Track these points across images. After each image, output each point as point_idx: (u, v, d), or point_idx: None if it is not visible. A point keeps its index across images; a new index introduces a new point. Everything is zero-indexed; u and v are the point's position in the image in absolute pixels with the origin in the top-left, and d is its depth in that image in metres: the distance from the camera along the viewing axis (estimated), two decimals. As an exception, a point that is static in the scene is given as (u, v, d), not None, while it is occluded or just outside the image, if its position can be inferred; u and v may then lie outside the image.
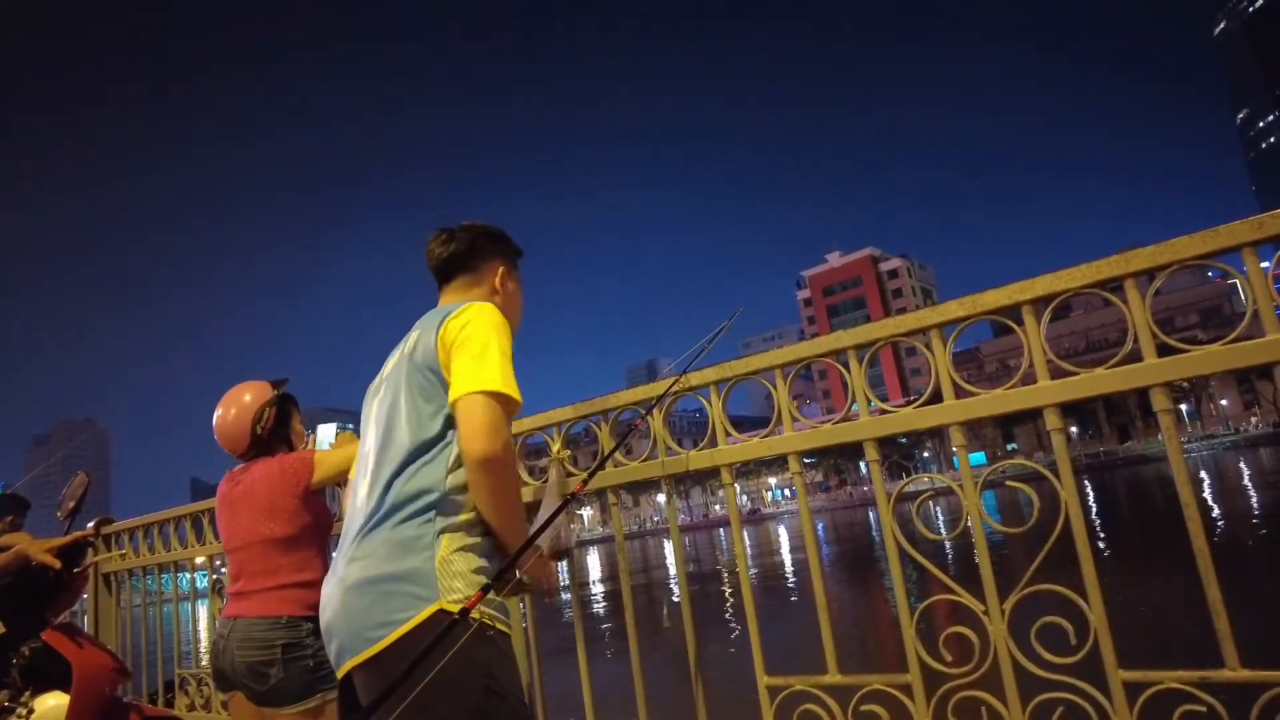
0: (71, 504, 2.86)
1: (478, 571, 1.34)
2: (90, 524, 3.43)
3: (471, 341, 1.41)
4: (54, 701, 2.45)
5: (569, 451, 1.90)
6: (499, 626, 1.33)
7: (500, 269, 1.66)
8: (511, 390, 1.38)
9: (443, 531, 1.34)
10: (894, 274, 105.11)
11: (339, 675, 1.37)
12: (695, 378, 1.71)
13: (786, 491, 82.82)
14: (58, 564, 2.56)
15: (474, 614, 1.26)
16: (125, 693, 2.81)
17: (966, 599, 1.40)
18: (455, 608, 1.26)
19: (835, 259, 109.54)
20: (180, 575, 3.17)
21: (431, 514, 1.36)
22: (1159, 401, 1.25)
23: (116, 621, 3.48)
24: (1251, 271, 1.18)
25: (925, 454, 74.05)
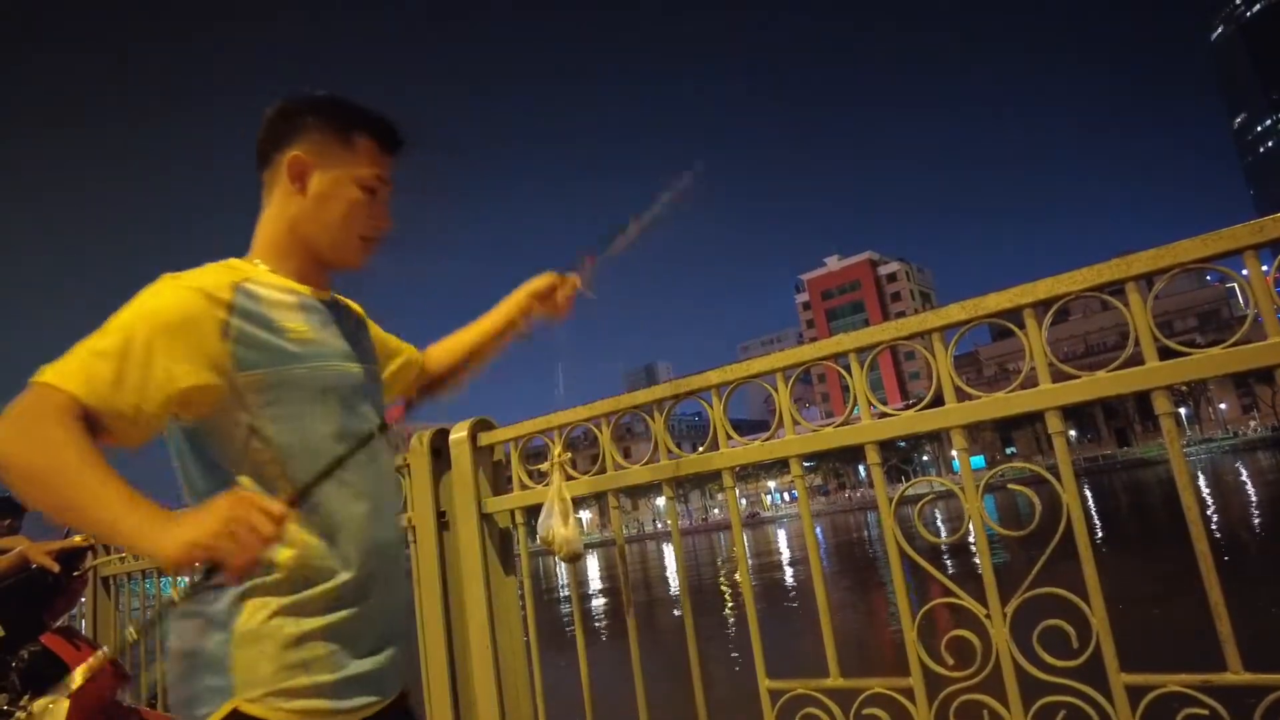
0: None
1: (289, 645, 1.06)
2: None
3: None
4: (54, 706, 2.44)
5: (569, 454, 1.90)
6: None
7: (290, 156, 1.18)
8: (67, 381, 0.97)
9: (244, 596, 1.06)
10: (892, 277, 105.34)
11: None
12: (696, 380, 1.71)
13: (785, 495, 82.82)
14: (57, 567, 2.56)
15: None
16: (124, 697, 2.80)
17: (968, 602, 1.40)
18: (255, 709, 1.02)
19: (834, 263, 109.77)
20: (179, 579, 3.16)
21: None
22: (1160, 405, 1.25)
23: (115, 625, 3.48)
24: (1252, 275, 1.18)
25: (924, 457, 74.05)
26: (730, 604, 15.06)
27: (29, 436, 0.94)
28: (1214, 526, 15.81)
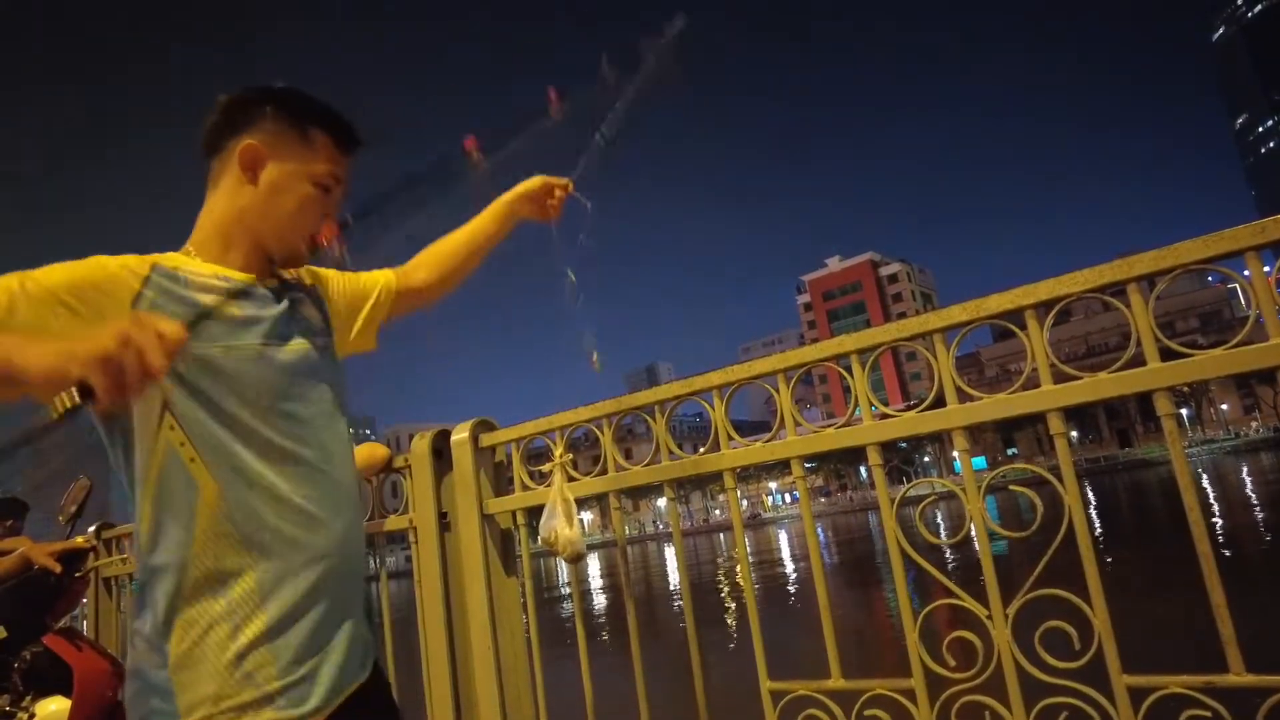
0: (73, 508, 2.87)
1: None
2: (90, 528, 3.43)
3: None
4: (55, 706, 2.45)
5: (571, 455, 1.90)
6: None
7: (246, 143, 1.14)
8: None
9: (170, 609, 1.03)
10: (894, 278, 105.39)
11: None
12: (698, 381, 1.71)
13: (786, 496, 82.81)
14: (59, 568, 2.56)
15: None
16: (123, 696, 2.80)
17: (970, 603, 1.40)
18: None
19: (835, 264, 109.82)
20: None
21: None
22: (1162, 406, 1.25)
23: (117, 626, 3.47)
24: (1254, 276, 1.18)
25: (926, 458, 74.04)
26: (731, 605, 15.06)
27: None
28: (1216, 527, 15.79)
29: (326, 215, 1.21)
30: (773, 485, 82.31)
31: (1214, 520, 16.87)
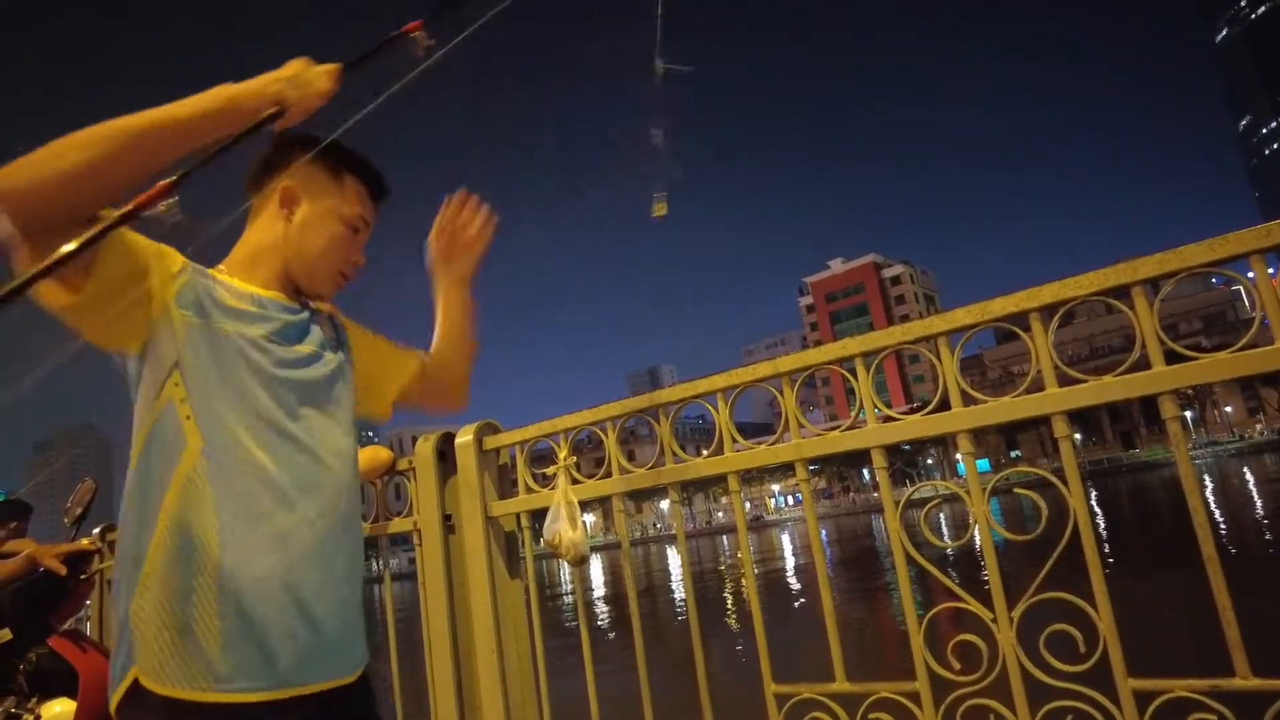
0: (79, 510, 2.87)
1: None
2: (95, 530, 3.44)
3: None
4: (60, 708, 2.45)
5: (575, 458, 1.90)
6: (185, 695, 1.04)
7: (285, 184, 1.25)
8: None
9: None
10: (896, 280, 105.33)
11: None
12: (703, 384, 1.71)
13: (789, 499, 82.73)
14: (64, 570, 2.57)
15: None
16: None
17: (975, 607, 1.40)
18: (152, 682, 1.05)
19: (838, 265, 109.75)
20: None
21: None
22: (1167, 409, 1.25)
23: None
24: (1259, 279, 1.18)
25: (929, 460, 73.94)
26: (734, 607, 15.04)
27: (19, 162, 0.91)
28: (1221, 530, 15.75)
29: (352, 253, 1.33)
30: (775, 488, 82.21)
31: (1219, 523, 16.83)
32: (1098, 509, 26.04)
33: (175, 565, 1.08)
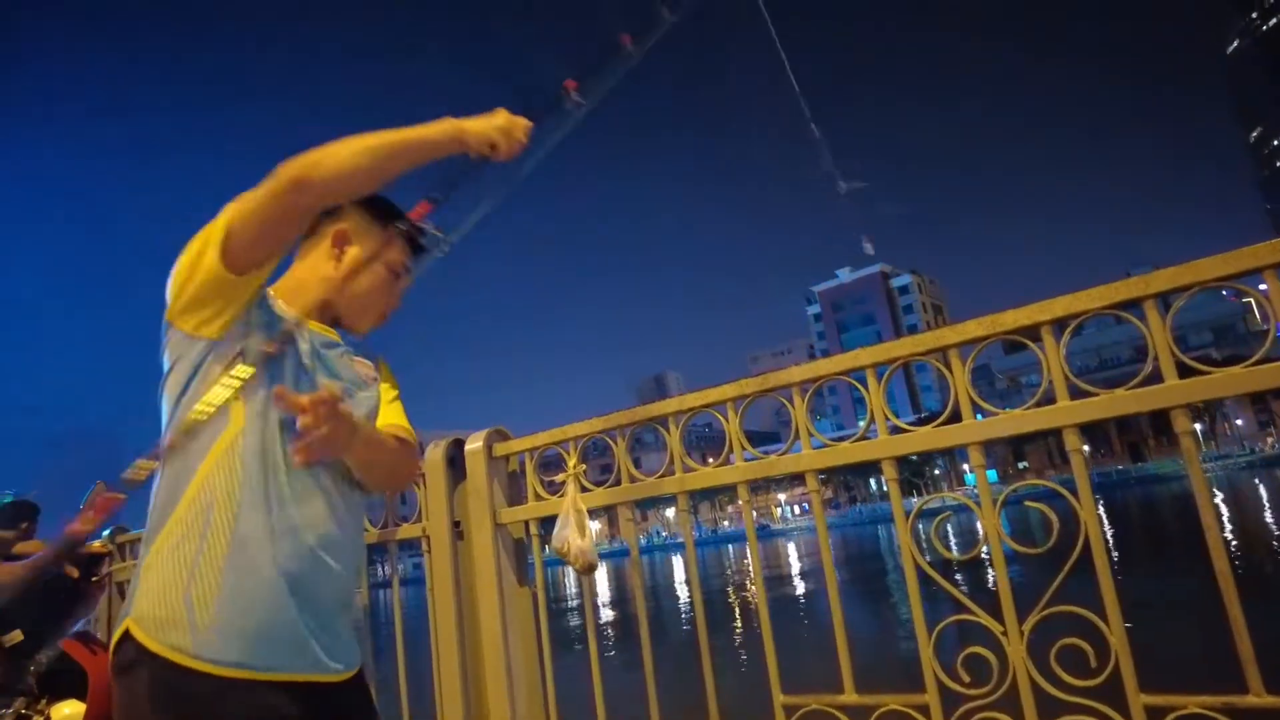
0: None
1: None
2: (105, 532, 3.46)
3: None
4: (69, 710, 2.46)
5: (584, 466, 1.91)
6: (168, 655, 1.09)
7: (339, 227, 1.38)
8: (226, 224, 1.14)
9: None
10: (904, 290, 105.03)
11: None
12: (713, 394, 1.72)
13: (796, 508, 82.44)
14: (76, 572, 2.58)
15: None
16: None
17: (985, 619, 1.39)
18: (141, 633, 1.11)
19: (846, 274, 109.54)
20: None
21: None
22: (1180, 423, 1.24)
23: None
24: (1273, 293, 1.18)
25: (936, 471, 73.58)
26: (741, 617, 14.99)
27: (309, 159, 1.13)
28: (1233, 545, 15.63)
29: (393, 296, 1.45)
30: (782, 497, 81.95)
31: (1230, 537, 16.69)
32: (1106, 522, 25.84)
33: (193, 529, 1.14)
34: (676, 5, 1.69)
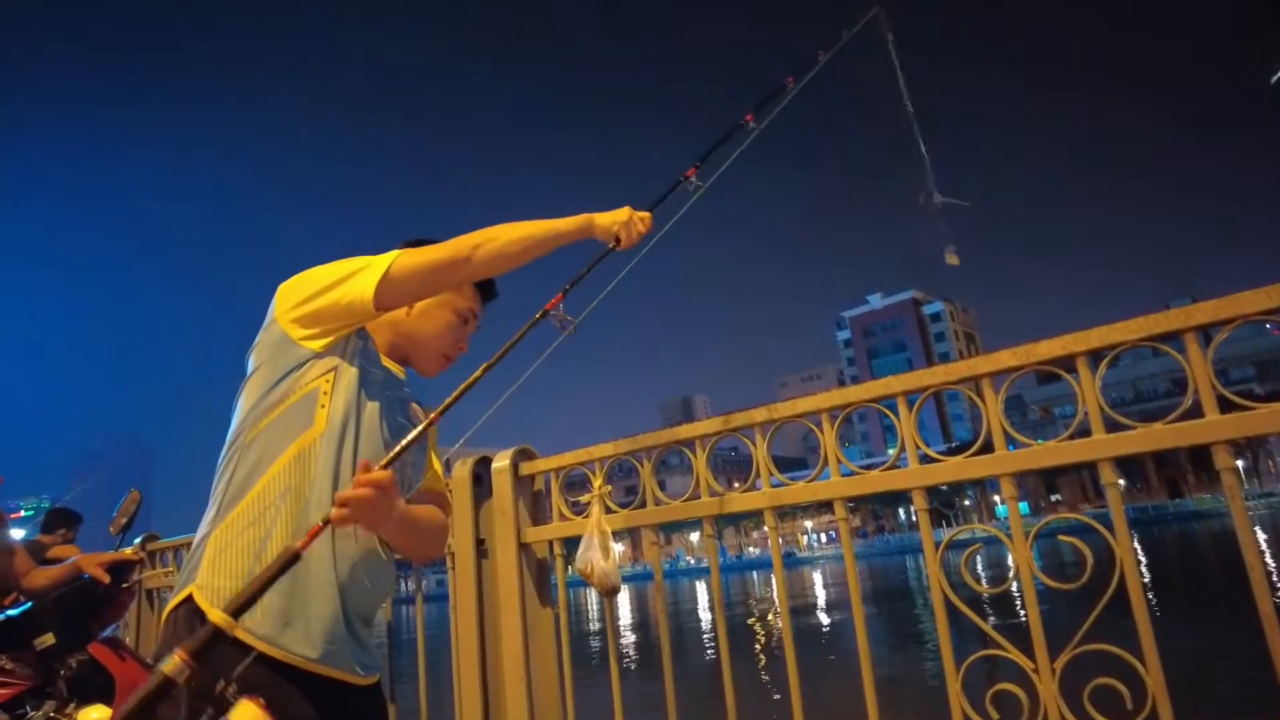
0: (124, 520, 2.94)
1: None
2: (137, 540, 3.51)
3: (322, 274, 1.32)
4: (96, 715, 2.49)
5: (609, 487, 1.91)
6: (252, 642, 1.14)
7: None
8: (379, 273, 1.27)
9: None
10: (937, 317, 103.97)
11: None
12: (741, 418, 1.71)
13: (823, 536, 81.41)
14: (108, 578, 2.63)
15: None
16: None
17: (1015, 655, 1.36)
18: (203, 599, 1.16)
19: (877, 300, 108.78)
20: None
21: None
22: (1221, 460, 1.21)
23: (156, 638, 3.54)
24: (1319, 329, 1.15)
25: (966, 502, 72.30)
26: (764, 645, 14.78)
27: (473, 241, 1.31)
28: (1278, 586, 15.11)
29: (459, 340, 1.52)
30: (808, 524, 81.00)
31: (1275, 578, 16.15)
32: (1142, 559, 25.16)
33: (263, 516, 1.22)
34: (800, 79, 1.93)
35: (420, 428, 1.27)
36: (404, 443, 1.23)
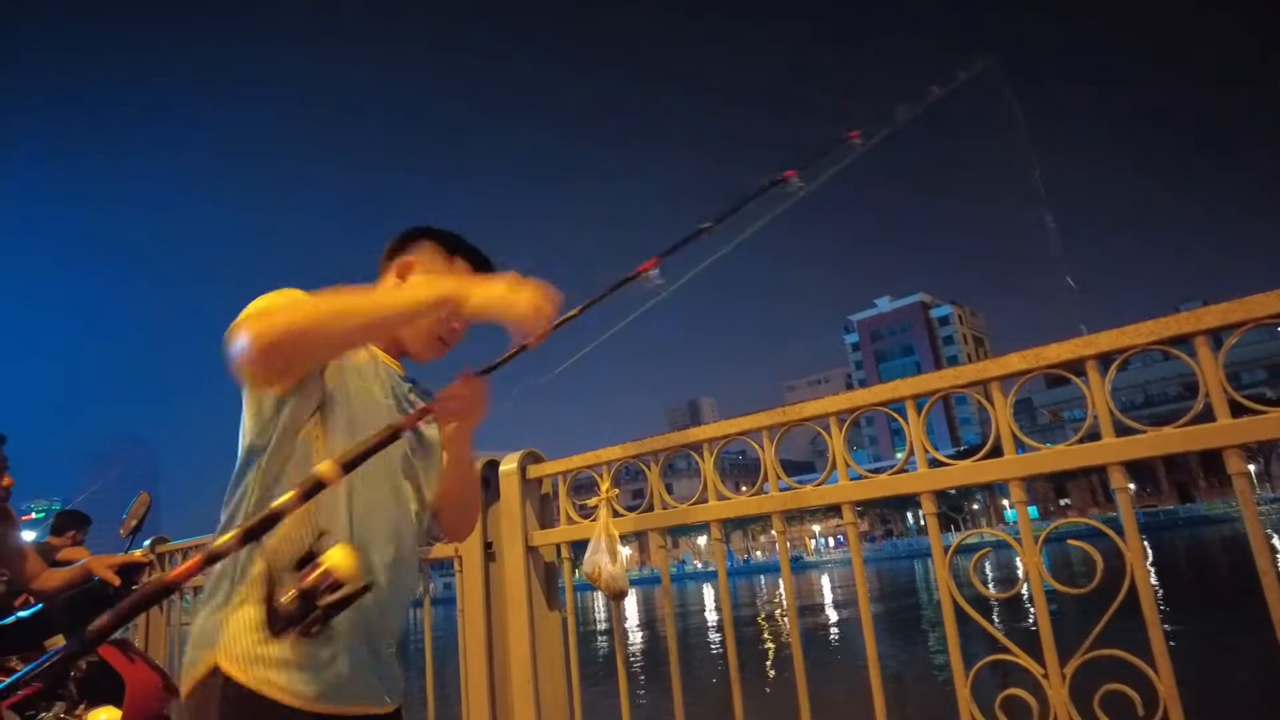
0: (134, 522, 2.95)
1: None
2: (147, 542, 3.53)
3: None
4: (106, 716, 2.50)
5: (617, 490, 1.91)
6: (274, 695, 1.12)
7: (405, 259, 1.44)
8: (277, 297, 1.16)
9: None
10: (945, 320, 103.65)
11: None
12: (747, 422, 1.71)
13: (830, 540, 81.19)
14: (118, 581, 2.64)
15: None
16: (172, 710, 2.86)
17: (1025, 661, 1.35)
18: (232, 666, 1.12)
19: (885, 304, 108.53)
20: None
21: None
22: (1233, 464, 1.20)
23: (166, 640, 3.56)
24: (1331, 332, 1.14)
25: (975, 506, 71.99)
26: (772, 649, 14.74)
27: (299, 309, 1.12)
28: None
29: (454, 323, 1.45)
30: (816, 528, 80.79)
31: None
32: (1152, 564, 24.99)
33: (276, 580, 1.14)
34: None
35: (512, 352, 1.28)
36: (508, 356, 1.28)
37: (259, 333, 1.08)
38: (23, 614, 2.73)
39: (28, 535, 3.66)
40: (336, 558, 1.06)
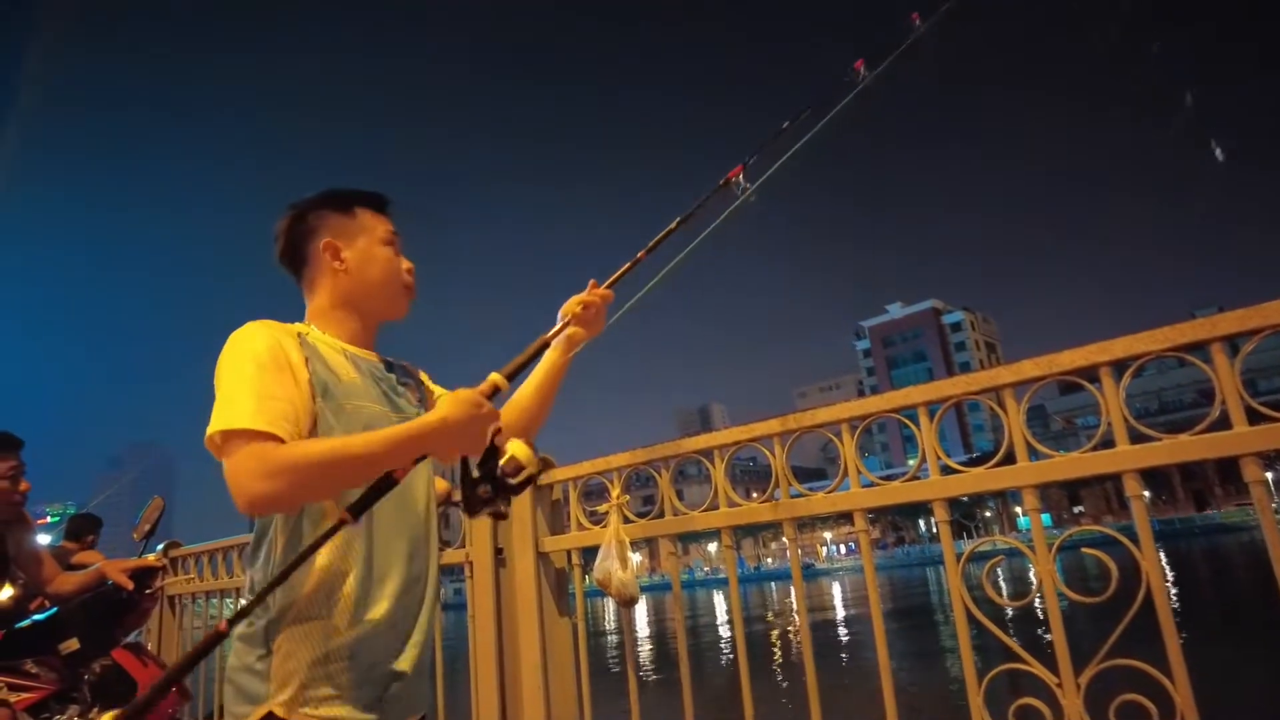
0: (148, 527, 2.98)
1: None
2: (160, 547, 3.55)
3: (218, 385, 1.20)
4: (118, 720, 2.52)
5: (627, 497, 1.90)
6: None
7: (323, 243, 1.38)
8: (262, 422, 1.13)
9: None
10: (957, 327, 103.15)
11: None
12: (759, 428, 1.70)
13: (842, 548, 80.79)
14: (131, 585, 2.66)
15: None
16: (185, 714, 2.87)
17: (1038, 669, 1.34)
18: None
19: (897, 310, 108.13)
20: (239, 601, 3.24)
21: None
22: (1250, 472, 1.19)
23: (179, 644, 3.57)
24: (1349, 339, 1.13)
25: (988, 514, 71.47)
26: (783, 657, 14.67)
27: (281, 473, 1.10)
28: (1304, 601, 14.76)
29: (403, 265, 1.45)
30: (827, 535, 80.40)
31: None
32: (1168, 572, 24.71)
33: (321, 607, 1.19)
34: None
35: (628, 266, 1.56)
36: (618, 273, 1.52)
37: (247, 500, 1.10)
38: (38, 617, 2.75)
39: (43, 539, 3.69)
40: (515, 448, 1.18)
